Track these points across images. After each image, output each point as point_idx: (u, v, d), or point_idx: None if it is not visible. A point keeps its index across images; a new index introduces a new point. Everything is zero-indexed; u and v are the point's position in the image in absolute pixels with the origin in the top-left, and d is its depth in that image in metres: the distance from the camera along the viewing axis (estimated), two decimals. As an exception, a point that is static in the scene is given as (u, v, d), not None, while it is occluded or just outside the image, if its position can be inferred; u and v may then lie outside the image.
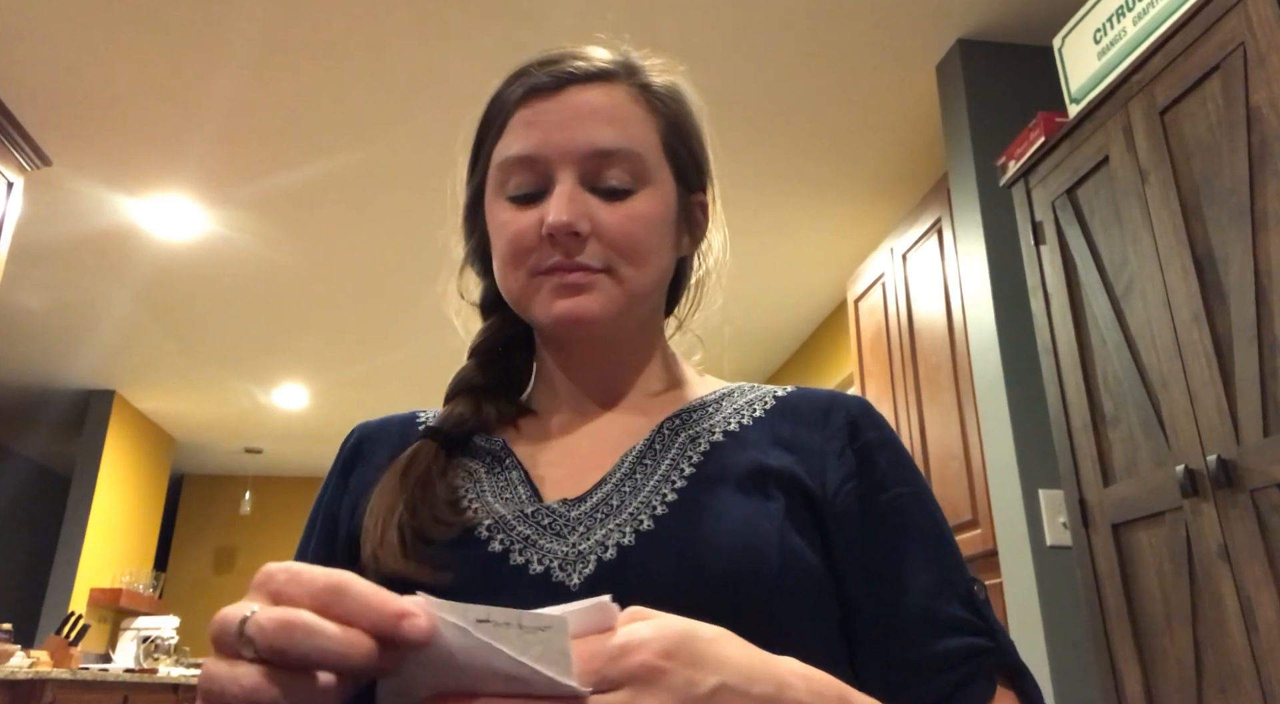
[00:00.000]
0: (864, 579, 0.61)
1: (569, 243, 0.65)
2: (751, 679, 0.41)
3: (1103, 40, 2.01)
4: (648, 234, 0.67)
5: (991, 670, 0.59)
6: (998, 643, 0.60)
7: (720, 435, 0.68)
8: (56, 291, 4.63)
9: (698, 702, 0.39)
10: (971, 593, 0.62)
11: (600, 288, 0.66)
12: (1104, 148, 1.94)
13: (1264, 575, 1.49)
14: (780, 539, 0.59)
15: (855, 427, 0.68)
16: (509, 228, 0.67)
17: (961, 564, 0.64)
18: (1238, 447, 1.56)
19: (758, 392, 0.74)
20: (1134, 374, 1.82)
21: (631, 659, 0.39)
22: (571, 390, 0.74)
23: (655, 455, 0.67)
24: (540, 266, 0.66)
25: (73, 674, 4.09)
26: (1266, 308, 1.52)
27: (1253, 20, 1.59)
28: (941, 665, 0.58)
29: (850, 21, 2.71)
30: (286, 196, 3.66)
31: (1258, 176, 1.56)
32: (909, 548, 0.63)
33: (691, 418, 0.71)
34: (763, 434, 0.68)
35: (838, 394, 0.72)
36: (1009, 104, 2.66)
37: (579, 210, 0.65)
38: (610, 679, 0.38)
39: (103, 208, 3.75)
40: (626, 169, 0.67)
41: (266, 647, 0.37)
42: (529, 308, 0.68)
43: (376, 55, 2.87)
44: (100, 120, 3.19)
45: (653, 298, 0.72)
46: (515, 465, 0.69)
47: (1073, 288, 2.02)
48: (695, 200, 0.75)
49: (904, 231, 3.28)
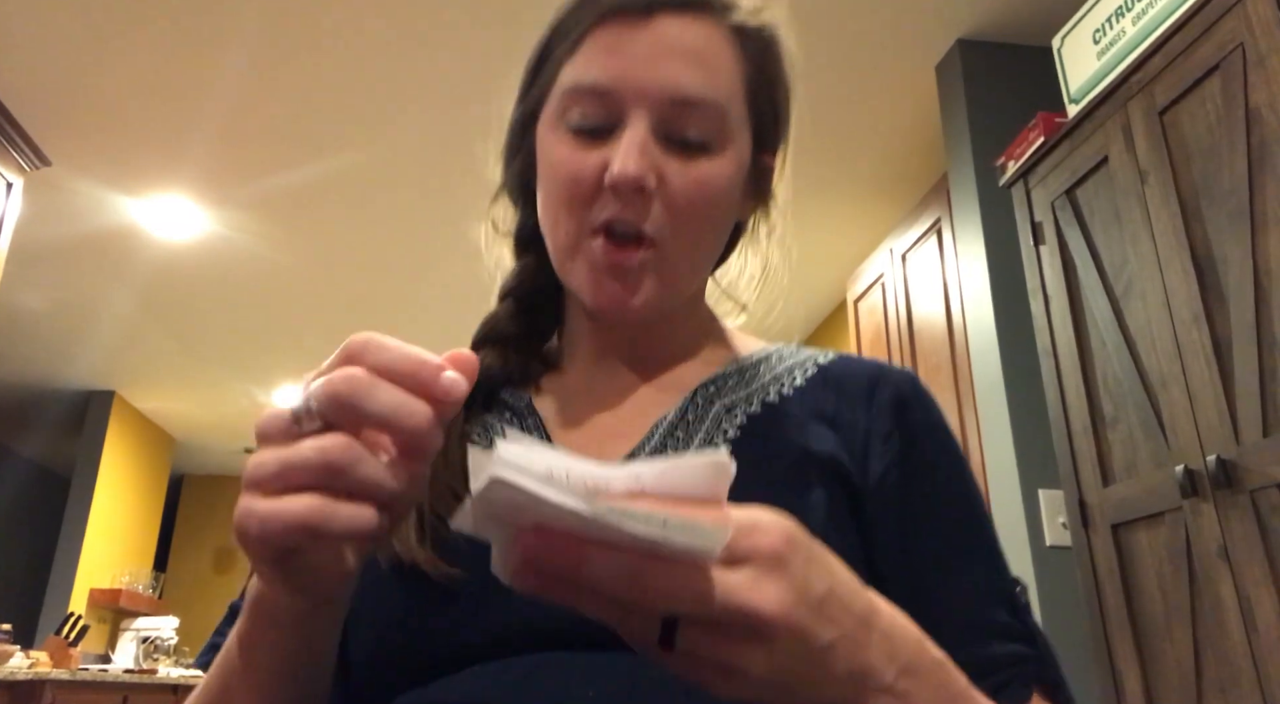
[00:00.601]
0: (903, 579, 0.57)
1: (633, 199, 0.58)
2: (854, 593, 0.40)
3: (1102, 41, 2.01)
4: (715, 205, 0.61)
5: (1030, 679, 0.56)
6: (1039, 651, 0.57)
7: (758, 406, 0.63)
8: (56, 292, 4.63)
9: (809, 602, 0.37)
10: (1014, 596, 0.59)
11: (648, 274, 0.60)
12: (1103, 148, 1.94)
13: (1263, 575, 1.49)
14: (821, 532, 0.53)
15: (903, 405, 0.63)
16: (566, 166, 0.60)
17: (1004, 565, 0.61)
18: (1237, 447, 1.56)
19: (799, 356, 0.68)
20: (1133, 374, 1.82)
21: (761, 539, 0.36)
22: (600, 351, 0.68)
23: (688, 428, 0.61)
24: (595, 221, 0.59)
25: (72, 675, 4.09)
26: (1266, 308, 1.52)
27: (1252, 21, 1.59)
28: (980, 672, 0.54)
29: (850, 22, 2.71)
30: (286, 196, 3.66)
31: (1257, 177, 1.56)
32: (952, 548, 0.59)
33: (728, 385, 0.65)
34: (804, 406, 0.62)
35: (885, 367, 0.66)
36: (1008, 104, 2.66)
37: (648, 163, 0.57)
38: (735, 554, 0.36)
39: (103, 208, 3.75)
40: (708, 122, 0.59)
41: (332, 402, 0.38)
42: (569, 271, 0.62)
43: (376, 55, 2.87)
44: (100, 120, 3.19)
45: (701, 275, 0.67)
46: (538, 426, 0.64)
47: (1072, 288, 2.02)
48: (764, 160, 0.68)
49: (903, 232, 3.28)
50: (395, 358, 0.39)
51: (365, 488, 0.38)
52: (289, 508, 0.37)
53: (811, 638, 0.37)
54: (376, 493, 0.38)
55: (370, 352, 0.39)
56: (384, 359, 0.39)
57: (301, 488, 0.38)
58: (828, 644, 0.37)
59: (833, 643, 0.37)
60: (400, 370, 0.39)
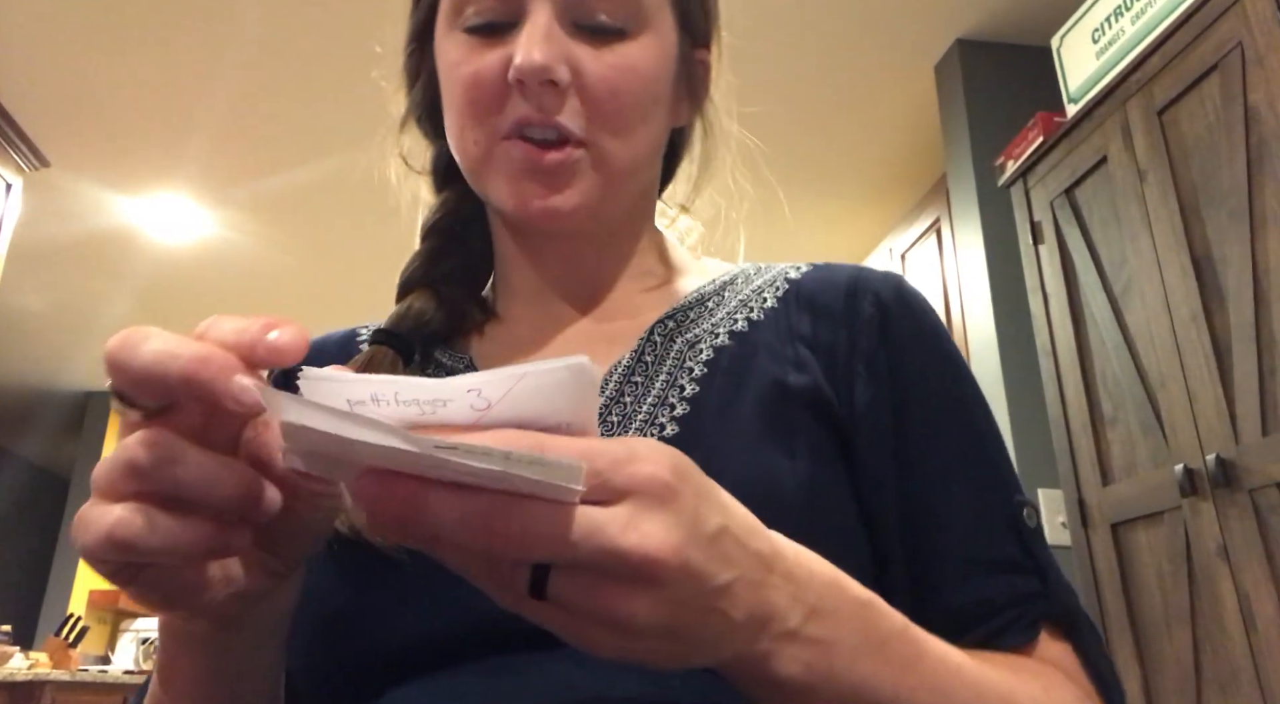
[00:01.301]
0: (894, 519, 0.50)
1: (543, 94, 0.51)
2: (751, 532, 0.34)
3: (1101, 40, 2.01)
4: (641, 92, 0.54)
5: (1035, 618, 0.48)
6: (1046, 586, 0.49)
7: (725, 337, 0.55)
8: (56, 292, 4.63)
9: (702, 540, 0.31)
10: (1019, 521, 0.51)
11: (580, 173, 0.52)
12: (1102, 147, 1.94)
13: (1263, 574, 1.50)
14: (809, 487, 0.48)
15: (886, 316, 0.55)
16: (463, 69, 0.53)
17: (1008, 483, 0.52)
18: (1236, 446, 1.56)
19: (767, 274, 0.60)
20: (1133, 374, 1.82)
21: (641, 468, 0.30)
22: (539, 289, 0.60)
23: (647, 371, 0.54)
24: (504, 127, 0.52)
25: (72, 676, 4.08)
26: (1265, 307, 1.53)
27: (1251, 20, 1.59)
28: (976, 616, 0.48)
29: (848, 22, 2.71)
30: (286, 196, 3.66)
31: (1256, 176, 1.56)
32: (948, 471, 0.51)
33: (689, 317, 0.57)
34: (777, 332, 0.55)
35: (864, 273, 0.58)
36: (1007, 104, 2.66)
37: (556, 51, 0.50)
38: (610, 487, 0.30)
39: (102, 208, 3.75)
40: (620, 3, 0.53)
41: (110, 367, 0.33)
42: (486, 185, 0.55)
43: (376, 55, 2.87)
44: (99, 121, 3.19)
45: (641, 178, 0.59)
46: None
47: (1071, 288, 2.02)
48: (698, 57, 0.61)
49: (903, 231, 3.28)
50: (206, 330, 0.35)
51: (187, 493, 0.33)
52: (99, 520, 0.32)
53: (705, 579, 0.31)
54: (206, 499, 0.33)
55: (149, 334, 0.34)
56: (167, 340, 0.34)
57: (122, 494, 0.33)
58: (723, 586, 0.32)
59: (729, 584, 0.32)
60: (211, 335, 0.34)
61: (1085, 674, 0.48)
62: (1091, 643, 0.49)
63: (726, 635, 0.33)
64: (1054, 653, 0.48)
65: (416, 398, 0.30)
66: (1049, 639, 0.48)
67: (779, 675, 0.34)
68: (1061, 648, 0.49)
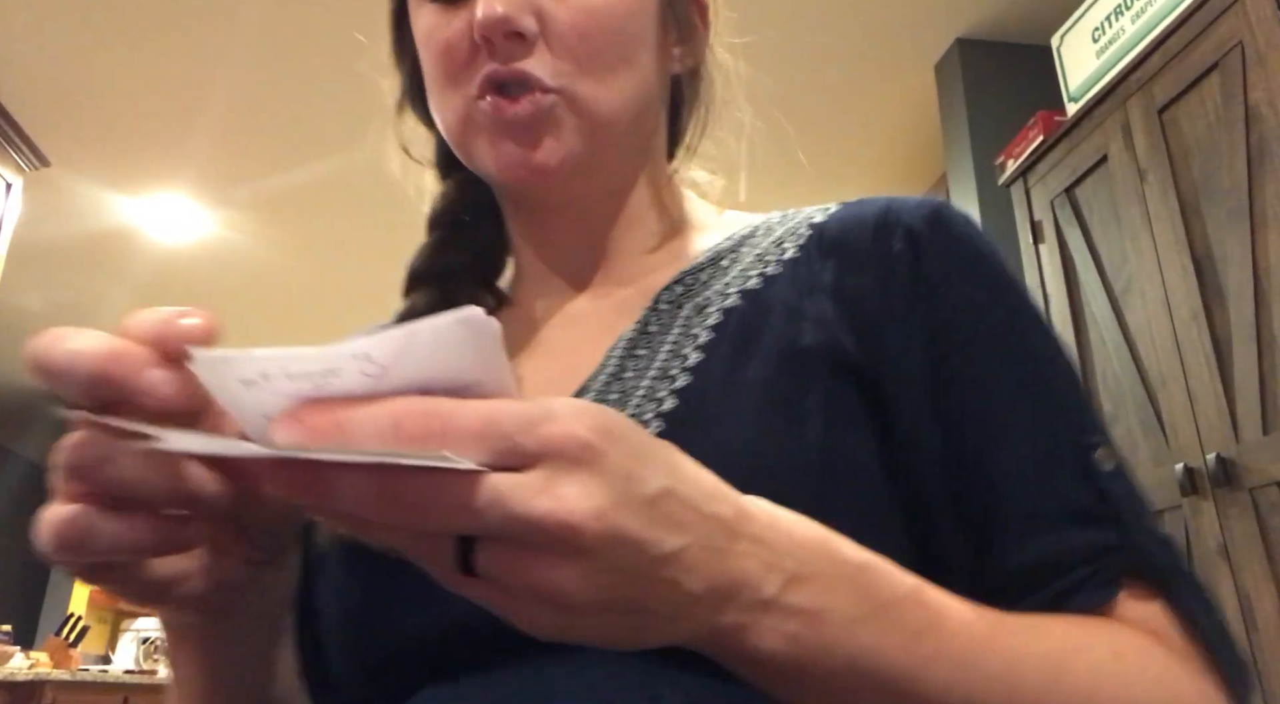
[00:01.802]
0: (939, 477, 0.43)
1: (509, 46, 0.48)
2: (710, 496, 0.31)
3: (1101, 39, 2.01)
4: (613, 33, 0.50)
5: (1114, 575, 0.40)
6: (1129, 534, 0.41)
7: (736, 297, 0.49)
8: (56, 292, 4.63)
9: (636, 502, 0.28)
10: (1091, 462, 0.43)
11: (557, 123, 0.49)
12: (1103, 147, 1.94)
13: (1263, 573, 1.50)
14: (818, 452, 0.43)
15: (919, 250, 0.47)
16: (434, 39, 0.51)
17: (1078, 421, 0.44)
18: (1237, 445, 1.56)
19: (791, 222, 0.55)
20: (1133, 373, 1.82)
21: (555, 428, 0.28)
22: (548, 269, 0.57)
23: (651, 342, 0.49)
24: (475, 87, 0.50)
25: (72, 675, 4.08)
26: (1265, 306, 1.53)
27: (1251, 19, 1.59)
28: (1038, 578, 0.41)
29: (848, 21, 2.71)
30: (286, 196, 3.66)
31: (1256, 175, 1.56)
32: (1005, 410, 0.44)
33: (699, 279, 0.52)
34: (796, 285, 0.49)
35: (894, 204, 0.51)
36: (1007, 103, 2.66)
37: (520, 1, 0.48)
38: (522, 451, 0.27)
39: (102, 208, 3.75)
40: None
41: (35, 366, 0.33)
42: (470, 153, 0.52)
43: (376, 55, 2.87)
44: (99, 120, 3.18)
45: (638, 127, 0.54)
46: None
47: (1071, 287, 2.02)
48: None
49: (903, 231, 3.28)
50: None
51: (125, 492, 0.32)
52: (48, 522, 0.33)
53: (644, 546, 0.28)
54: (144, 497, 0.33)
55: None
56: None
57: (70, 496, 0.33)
58: (670, 553, 0.29)
59: (678, 551, 0.29)
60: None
61: (1183, 636, 0.40)
62: (1194, 601, 0.41)
63: (684, 608, 0.30)
64: (1140, 613, 0.40)
65: (308, 371, 0.27)
66: (1133, 599, 0.41)
67: (759, 650, 0.31)
68: (1151, 608, 0.41)
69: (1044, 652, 0.36)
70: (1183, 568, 0.42)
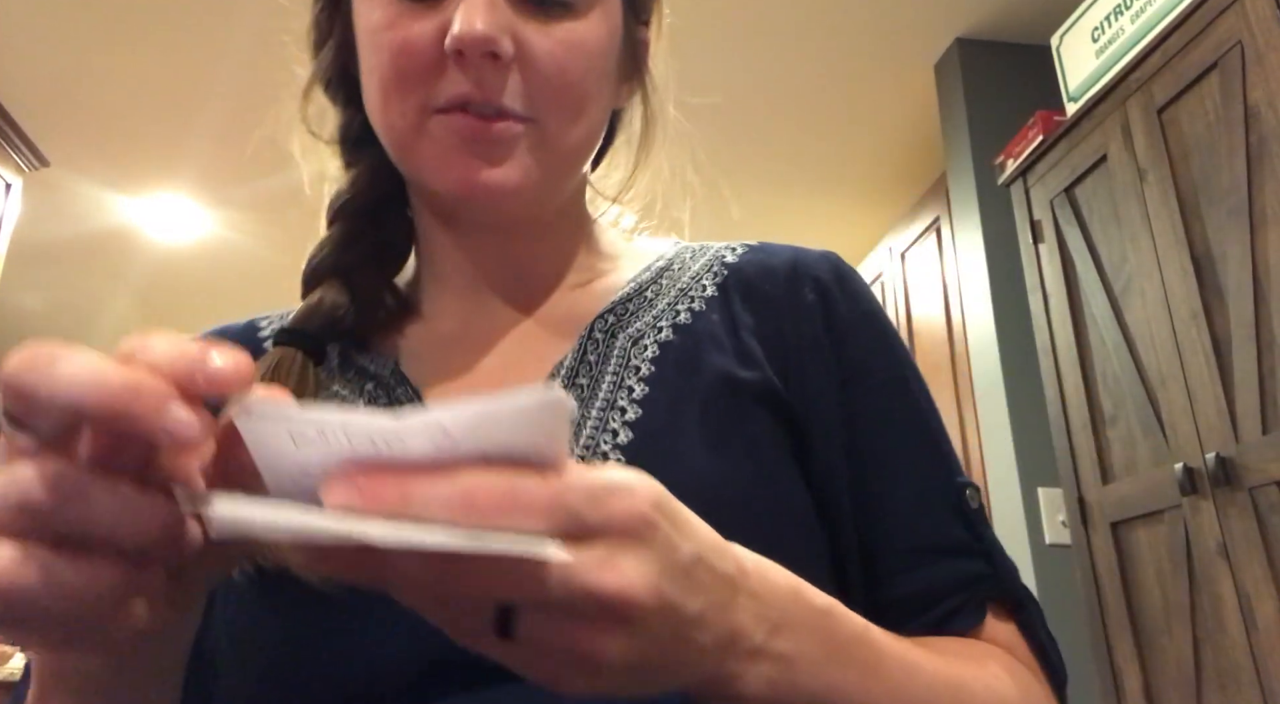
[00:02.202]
0: (846, 509, 0.49)
1: (485, 69, 0.46)
2: (719, 554, 0.33)
3: (1100, 39, 2.01)
4: (588, 72, 0.49)
5: (982, 600, 0.49)
6: (994, 567, 0.50)
7: (668, 332, 0.52)
8: (56, 292, 4.63)
9: (678, 573, 0.30)
10: (962, 502, 0.50)
11: (523, 149, 0.48)
12: (1102, 146, 1.94)
13: (1263, 573, 1.50)
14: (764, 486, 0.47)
15: (828, 300, 0.54)
16: (389, 35, 0.47)
17: (950, 466, 0.52)
18: (1236, 445, 1.56)
19: (703, 258, 0.58)
20: (1133, 373, 1.82)
21: (620, 503, 0.29)
22: (469, 280, 0.55)
23: (591, 371, 0.50)
24: (438, 100, 0.47)
25: (73, 675, 4.08)
26: (1265, 306, 1.53)
27: (1250, 18, 1.59)
28: (925, 603, 0.48)
29: (848, 21, 2.71)
30: (287, 197, 3.65)
31: (1256, 175, 1.56)
32: (888, 458, 0.51)
33: (628, 310, 0.54)
34: (722, 323, 0.53)
35: (800, 255, 0.57)
36: (1007, 103, 2.66)
37: (500, 21, 0.45)
38: (586, 525, 0.28)
39: (101, 208, 3.75)
40: None
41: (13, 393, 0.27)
42: (415, 161, 0.49)
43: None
44: (99, 120, 3.19)
45: (584, 160, 0.55)
46: (410, 398, 0.51)
47: (1071, 286, 2.02)
48: (639, 32, 0.57)
49: (902, 230, 3.28)
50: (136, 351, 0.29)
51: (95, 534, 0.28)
52: None
53: (679, 611, 0.30)
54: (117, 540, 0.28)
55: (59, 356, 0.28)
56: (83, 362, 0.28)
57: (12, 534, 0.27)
58: (695, 615, 0.31)
59: (700, 612, 0.31)
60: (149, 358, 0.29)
61: (1027, 648, 0.50)
62: (1037, 621, 0.50)
63: (695, 661, 0.32)
64: (1001, 634, 0.49)
65: (371, 433, 0.27)
66: (995, 620, 0.49)
67: (744, 693, 0.34)
68: (1008, 628, 0.50)
69: (949, 677, 0.42)
70: (1028, 591, 0.51)
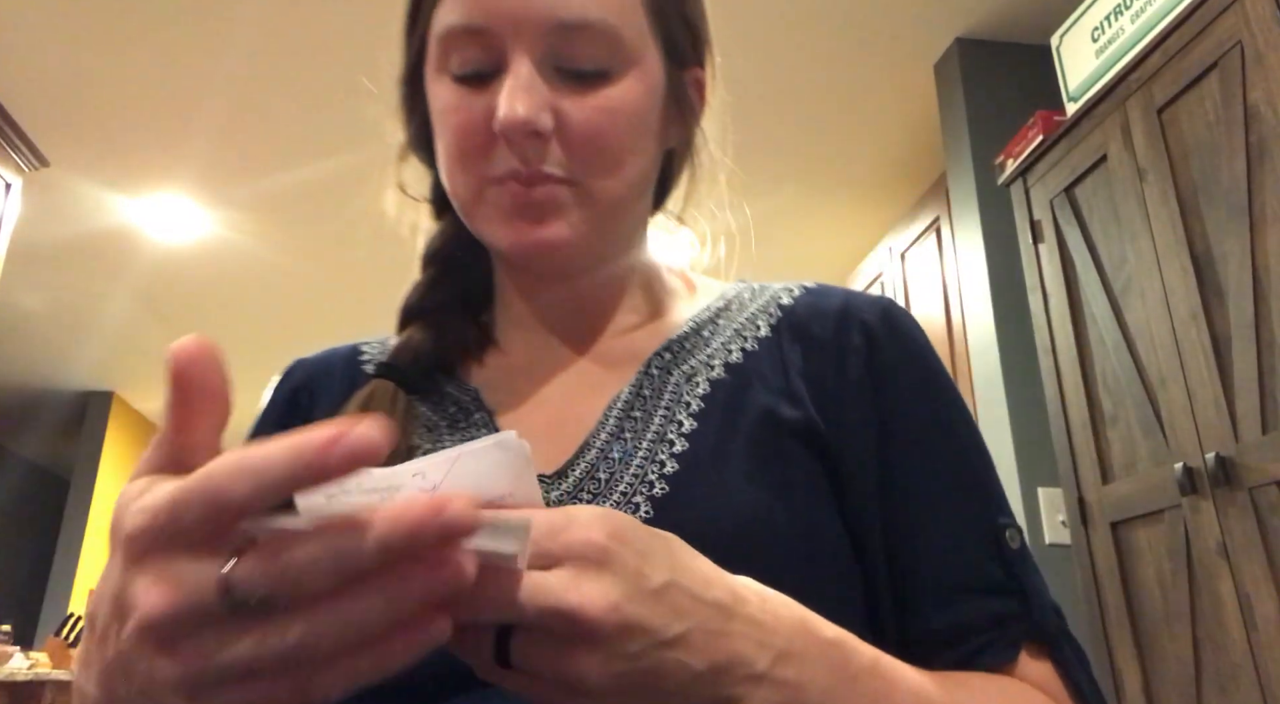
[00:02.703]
0: (879, 547, 0.52)
1: (527, 144, 0.52)
2: (707, 583, 0.36)
3: (1100, 39, 2.01)
4: (625, 132, 0.54)
5: (1015, 639, 0.50)
6: (1029, 606, 0.50)
7: (720, 370, 0.57)
8: (55, 292, 4.62)
9: (644, 595, 0.33)
10: (1001, 542, 0.52)
11: (567, 207, 0.53)
12: (1102, 146, 1.94)
13: (1263, 573, 1.50)
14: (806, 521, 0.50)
15: (874, 344, 0.56)
16: (453, 118, 0.54)
17: (992, 505, 0.54)
18: (1236, 444, 1.56)
19: (760, 299, 0.62)
20: (1132, 372, 1.82)
21: (576, 534, 0.33)
22: (537, 321, 0.61)
23: (645, 405, 0.55)
24: (492, 172, 0.53)
25: (72, 676, 4.08)
26: (1265, 306, 1.53)
27: (1250, 18, 1.59)
28: (954, 637, 0.49)
29: (848, 21, 2.71)
30: (286, 196, 3.66)
31: (1256, 174, 1.56)
32: (924, 498, 0.53)
33: (684, 348, 0.58)
34: (771, 363, 0.57)
35: (853, 299, 0.60)
36: (1007, 103, 2.66)
37: (538, 102, 0.51)
38: (548, 554, 0.33)
39: (102, 208, 3.75)
40: (600, 46, 0.53)
41: (281, 584, 0.27)
42: (478, 225, 0.56)
43: (376, 55, 2.87)
44: (99, 120, 3.18)
45: (632, 209, 0.59)
46: (485, 423, 0.56)
47: (1071, 286, 2.02)
48: (689, 78, 0.61)
49: (902, 230, 3.28)
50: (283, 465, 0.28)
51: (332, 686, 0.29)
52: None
53: (652, 633, 0.33)
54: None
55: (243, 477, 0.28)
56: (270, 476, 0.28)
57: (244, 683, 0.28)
58: (675, 637, 0.34)
59: (682, 636, 0.34)
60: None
61: (1067, 693, 0.50)
62: (1074, 662, 0.51)
63: (690, 685, 0.34)
64: (1035, 673, 0.50)
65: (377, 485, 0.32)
66: (1030, 659, 0.50)
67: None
68: (1043, 667, 0.50)
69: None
70: (1068, 634, 0.51)
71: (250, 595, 0.27)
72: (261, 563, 0.27)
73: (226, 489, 0.27)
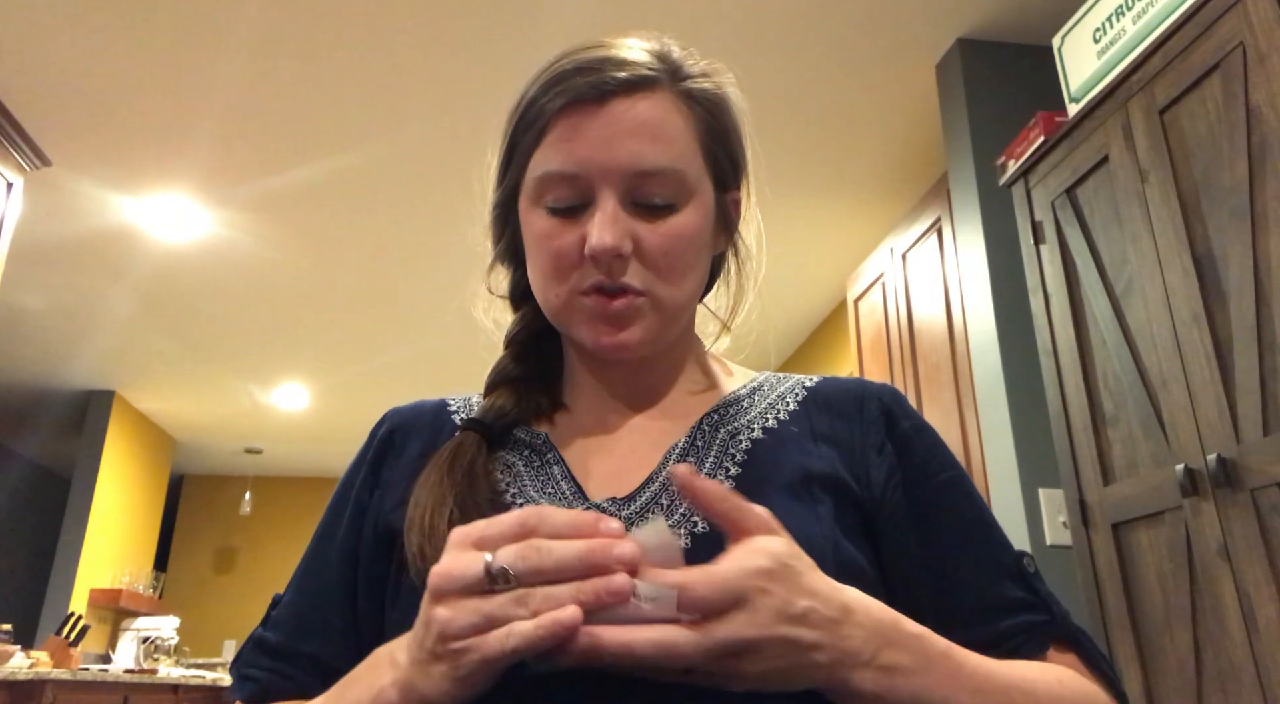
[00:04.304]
0: (918, 579, 0.64)
1: (612, 264, 0.65)
2: (828, 601, 0.49)
3: (1102, 39, 2.01)
4: (687, 251, 0.68)
5: (1044, 640, 0.62)
6: (1052, 615, 0.63)
7: (760, 432, 0.69)
8: (56, 292, 4.63)
9: (790, 618, 0.47)
10: (1021, 567, 0.65)
11: (642, 313, 0.67)
12: (1104, 147, 1.94)
13: (1264, 574, 1.49)
14: (834, 544, 0.61)
15: (890, 417, 0.70)
16: (550, 243, 0.67)
17: (1005, 540, 0.67)
18: (1237, 446, 1.56)
19: (786, 383, 0.76)
20: (1134, 373, 1.82)
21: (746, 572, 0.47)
22: (605, 388, 0.74)
23: (698, 453, 0.68)
24: (582, 286, 0.66)
25: (73, 675, 4.08)
26: (1266, 307, 1.52)
27: (1252, 19, 1.59)
28: (996, 644, 0.61)
29: (849, 21, 2.71)
30: (286, 196, 3.66)
31: (1257, 175, 1.56)
32: (955, 538, 0.65)
33: (729, 413, 0.72)
34: (801, 429, 0.70)
35: (866, 384, 0.74)
36: (1008, 103, 2.66)
37: (622, 231, 0.64)
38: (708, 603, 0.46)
39: (102, 208, 3.75)
40: (669, 186, 0.66)
41: (532, 574, 0.46)
42: (570, 326, 0.69)
43: (376, 56, 2.87)
44: (100, 120, 3.19)
45: (689, 310, 0.73)
46: (557, 460, 0.69)
47: (1072, 287, 2.02)
48: (730, 199, 0.75)
49: (904, 231, 3.28)
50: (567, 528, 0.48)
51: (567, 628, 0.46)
52: (530, 632, 0.45)
53: (795, 642, 0.47)
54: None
55: (545, 523, 0.48)
56: (556, 524, 0.48)
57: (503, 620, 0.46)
58: (811, 643, 0.48)
59: (815, 642, 0.48)
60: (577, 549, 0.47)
61: (1091, 674, 0.62)
62: (1095, 652, 0.63)
63: (815, 671, 0.49)
64: (1064, 660, 0.62)
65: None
66: (1057, 653, 0.63)
67: (861, 692, 0.50)
68: (1070, 658, 0.63)
69: (1019, 679, 0.57)
70: (1086, 634, 0.64)
71: (500, 574, 0.46)
72: (508, 557, 0.46)
73: (533, 526, 0.48)
